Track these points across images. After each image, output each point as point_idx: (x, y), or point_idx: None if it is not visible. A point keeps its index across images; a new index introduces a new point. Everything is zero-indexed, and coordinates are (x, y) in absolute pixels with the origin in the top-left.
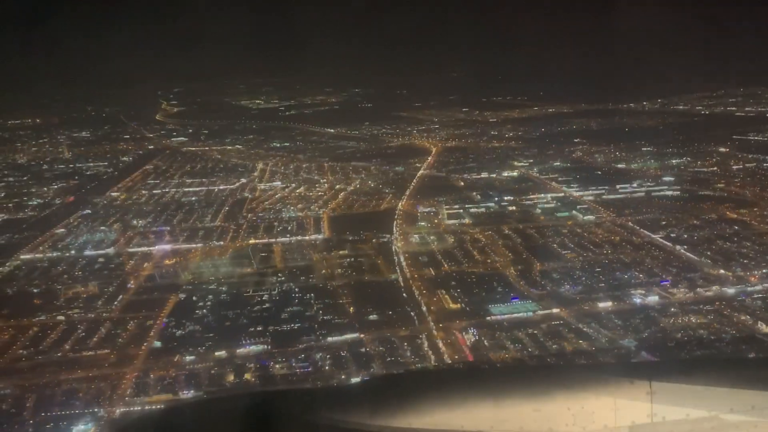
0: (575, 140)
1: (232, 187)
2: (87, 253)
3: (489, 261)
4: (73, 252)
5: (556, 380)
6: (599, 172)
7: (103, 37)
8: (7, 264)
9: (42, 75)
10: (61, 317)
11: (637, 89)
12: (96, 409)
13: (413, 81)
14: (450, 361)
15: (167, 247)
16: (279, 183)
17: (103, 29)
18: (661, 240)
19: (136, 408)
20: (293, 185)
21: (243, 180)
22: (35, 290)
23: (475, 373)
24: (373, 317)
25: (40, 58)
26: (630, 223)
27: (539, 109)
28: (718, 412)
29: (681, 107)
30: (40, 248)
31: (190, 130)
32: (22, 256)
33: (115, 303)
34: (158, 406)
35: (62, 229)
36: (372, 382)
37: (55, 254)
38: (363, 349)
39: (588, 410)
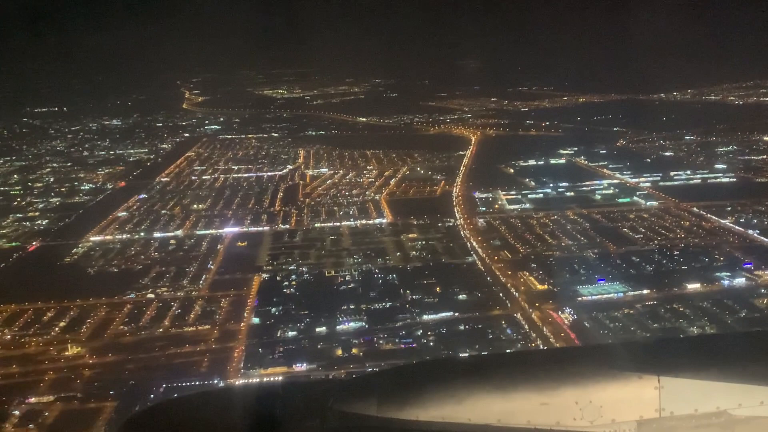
0: (615, 129)
1: (280, 173)
2: (156, 235)
3: (563, 244)
4: (142, 234)
5: (563, 374)
6: (648, 160)
7: (114, 29)
8: (79, 245)
9: (58, 67)
10: (151, 295)
11: (665, 80)
12: (216, 381)
13: (433, 72)
14: (559, 343)
15: (235, 229)
16: (326, 169)
17: (113, 21)
18: (731, 225)
19: (254, 379)
20: (341, 172)
21: (289, 166)
22: (116, 270)
23: (482, 365)
24: (462, 297)
25: (54, 50)
26: (695, 209)
27: (569, 99)
28: (727, 407)
29: (713, 97)
30: (107, 230)
31: (221, 119)
32: (92, 238)
33: (201, 282)
34: (162, 399)
35: (123, 213)
36: (379, 373)
37: (124, 236)
38: (461, 327)
39: (596, 404)
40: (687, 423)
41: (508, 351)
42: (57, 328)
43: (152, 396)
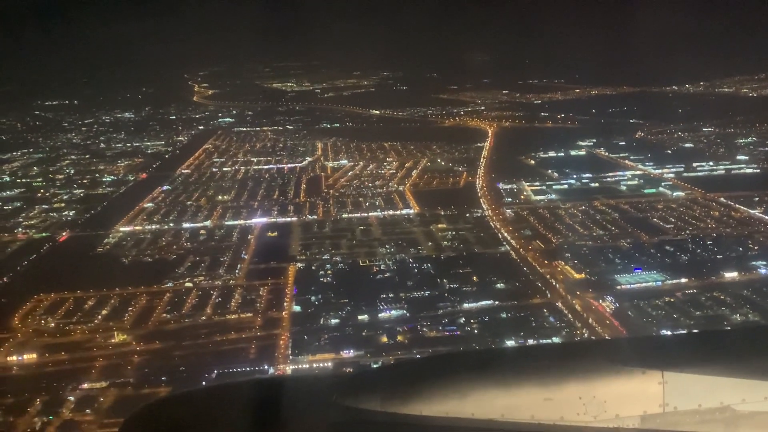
0: (631, 121)
1: (300, 165)
2: (186, 225)
3: (595, 234)
4: (171, 224)
5: (567, 369)
6: (669, 151)
7: (116, 22)
8: (110, 235)
9: (62, 60)
10: (189, 284)
11: (677, 72)
12: (266, 367)
13: (440, 65)
14: (605, 331)
15: (263, 220)
16: (346, 161)
17: (114, 15)
18: (760, 215)
19: (304, 365)
20: (361, 163)
21: (308, 158)
22: (150, 260)
23: (486, 360)
24: (500, 286)
25: (57, 44)
26: (722, 199)
27: (581, 92)
28: (731, 402)
29: (725, 90)
30: (136, 221)
31: (234, 112)
32: (121, 228)
33: (237, 271)
34: (166, 394)
35: (150, 204)
36: (383, 368)
37: (154, 227)
38: (503, 315)
39: (599, 399)
40: (691, 418)
41: (511, 346)
42: (100, 316)
43: (203, 382)
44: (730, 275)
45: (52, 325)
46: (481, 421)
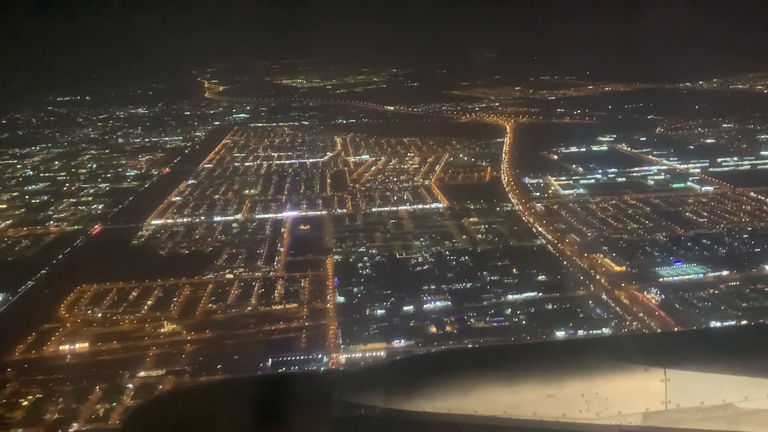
0: (649, 117)
1: (322, 159)
2: (217, 219)
3: (629, 228)
4: (202, 218)
5: (570, 366)
6: (691, 147)
7: (121, 18)
8: (143, 228)
9: (71, 55)
10: (230, 275)
11: (689, 69)
12: (319, 355)
13: (449, 61)
14: (655, 323)
15: (293, 213)
16: (367, 156)
17: (118, 11)
18: None
19: (356, 354)
20: (383, 158)
21: (329, 153)
22: (186, 252)
23: (488, 356)
24: (541, 278)
25: (63, 39)
26: (752, 194)
27: (594, 88)
28: (734, 400)
29: (740, 86)
30: (166, 214)
31: (248, 108)
32: (153, 222)
33: (276, 263)
34: (169, 390)
35: (177, 198)
36: (386, 365)
37: (185, 220)
38: (549, 306)
39: (602, 396)
40: (693, 415)
41: (514, 343)
42: (146, 306)
43: (259, 371)
44: None
45: (99, 315)
46: (483, 417)
